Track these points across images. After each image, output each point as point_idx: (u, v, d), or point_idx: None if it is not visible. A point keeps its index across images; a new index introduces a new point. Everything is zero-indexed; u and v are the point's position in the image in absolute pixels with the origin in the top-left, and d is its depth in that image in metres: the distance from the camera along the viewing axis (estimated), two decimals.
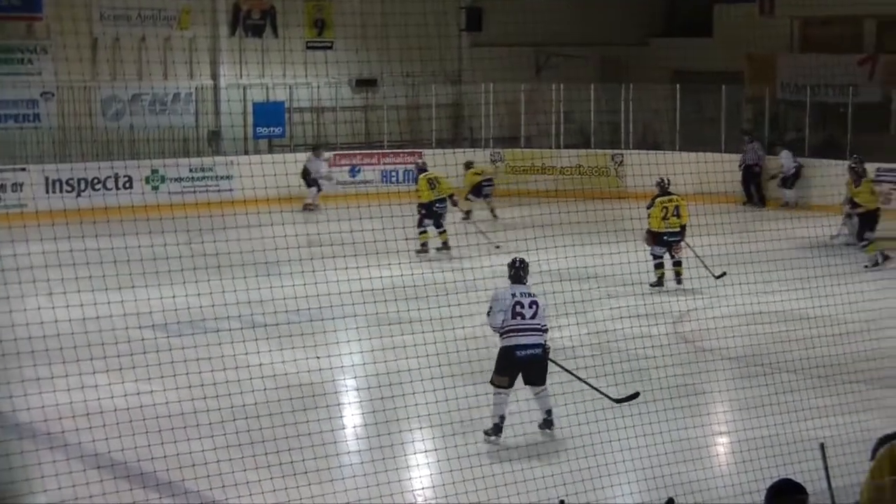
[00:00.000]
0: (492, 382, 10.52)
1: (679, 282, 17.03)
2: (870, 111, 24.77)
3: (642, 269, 14.54)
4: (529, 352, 10.45)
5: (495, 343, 10.90)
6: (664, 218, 17.00)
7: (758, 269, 15.51)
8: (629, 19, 29.22)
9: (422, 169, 20.84)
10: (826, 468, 7.07)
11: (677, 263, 17.16)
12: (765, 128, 26.18)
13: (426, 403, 10.38)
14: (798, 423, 10.07)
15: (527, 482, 8.69)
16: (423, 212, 19.62)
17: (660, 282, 16.93)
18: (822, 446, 7.17)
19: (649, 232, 16.97)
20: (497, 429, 10.47)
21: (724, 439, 11.23)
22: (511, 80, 26.26)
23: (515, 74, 26.69)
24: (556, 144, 26.48)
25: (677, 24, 30.40)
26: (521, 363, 10.45)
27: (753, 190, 25.00)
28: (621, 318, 14.84)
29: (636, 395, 10.68)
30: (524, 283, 10.88)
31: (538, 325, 10.60)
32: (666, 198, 17.27)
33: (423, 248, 19.59)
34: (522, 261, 11.07)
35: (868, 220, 18.86)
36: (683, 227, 17.06)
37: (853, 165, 19.46)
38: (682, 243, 17.15)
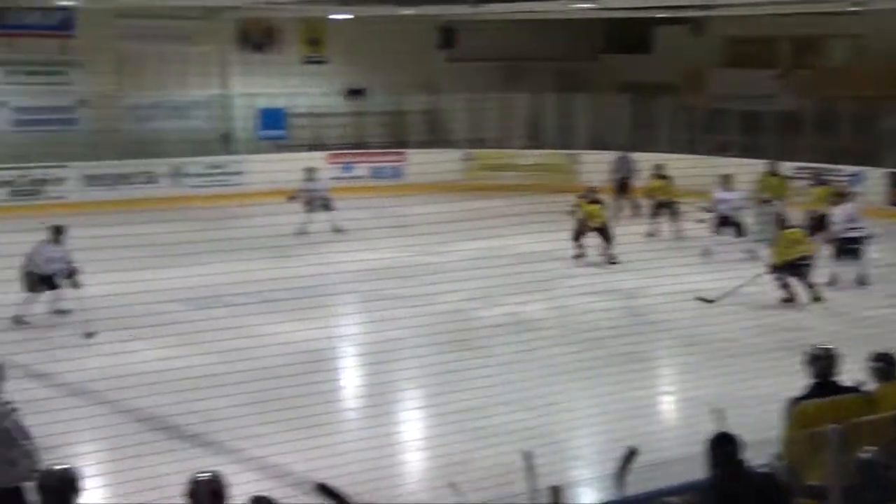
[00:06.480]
0: None
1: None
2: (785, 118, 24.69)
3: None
4: None
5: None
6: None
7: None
8: (580, 38, 29.13)
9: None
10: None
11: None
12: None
13: (412, 368, 10.45)
14: (734, 384, 9.88)
15: (510, 434, 8.54)
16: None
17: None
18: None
19: None
20: None
21: (668, 398, 11.12)
22: (481, 90, 26.15)
23: (486, 84, 26.58)
24: (522, 146, 26.44)
25: (622, 43, 30.22)
26: None
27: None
28: (580, 294, 14.76)
29: None
30: None
31: None
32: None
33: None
34: None
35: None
36: None
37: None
38: None
